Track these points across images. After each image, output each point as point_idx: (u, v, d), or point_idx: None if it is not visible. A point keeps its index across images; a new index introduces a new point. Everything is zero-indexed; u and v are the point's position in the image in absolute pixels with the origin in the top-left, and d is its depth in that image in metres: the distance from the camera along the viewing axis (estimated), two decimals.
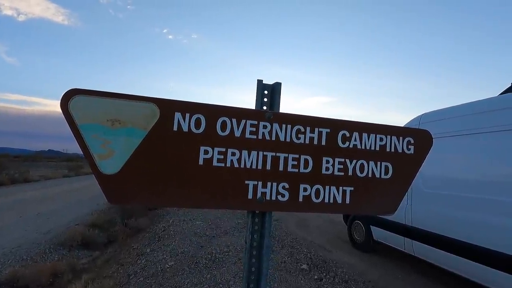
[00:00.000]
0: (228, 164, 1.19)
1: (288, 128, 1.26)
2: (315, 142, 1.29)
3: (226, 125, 1.20)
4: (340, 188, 1.32)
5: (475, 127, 3.42)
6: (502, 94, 3.73)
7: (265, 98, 1.32)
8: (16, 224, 6.53)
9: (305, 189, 1.28)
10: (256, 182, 1.22)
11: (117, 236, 5.85)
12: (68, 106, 1.04)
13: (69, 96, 1.05)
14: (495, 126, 3.18)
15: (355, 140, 1.34)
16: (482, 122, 3.34)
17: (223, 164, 1.19)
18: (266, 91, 1.32)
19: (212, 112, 1.19)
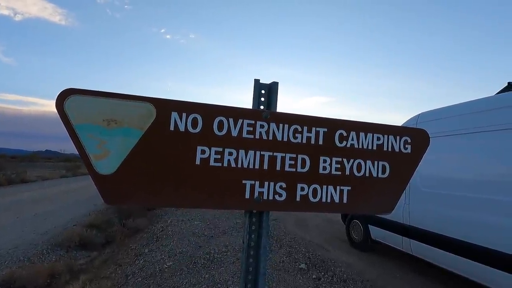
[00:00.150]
0: (225, 164, 1.19)
1: (285, 127, 1.26)
2: (312, 141, 1.29)
3: (223, 124, 1.19)
4: (338, 187, 1.32)
5: (472, 126, 3.44)
6: (499, 93, 3.75)
7: (262, 97, 1.32)
8: (13, 225, 6.49)
9: (302, 188, 1.28)
10: (253, 182, 1.22)
11: (115, 236, 5.83)
12: (63, 106, 1.04)
13: (64, 96, 1.04)
14: (492, 125, 3.20)
15: (353, 139, 1.34)
16: (479, 122, 3.36)
17: (220, 164, 1.19)
18: (263, 91, 1.32)
19: (209, 111, 1.19)
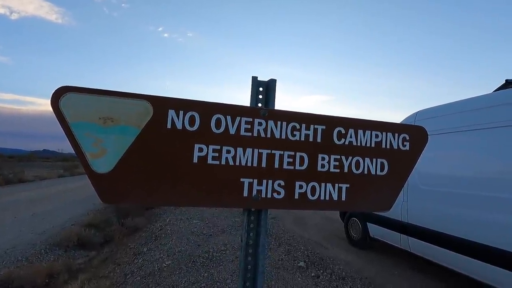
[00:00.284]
0: (223, 161, 1.18)
1: (283, 125, 1.26)
2: (311, 139, 1.29)
3: (221, 122, 1.19)
4: (336, 185, 1.32)
5: (470, 123, 3.44)
6: (496, 91, 3.76)
7: (260, 95, 1.31)
8: (11, 225, 6.46)
9: (301, 186, 1.27)
10: (251, 180, 1.21)
11: (113, 235, 5.82)
12: (59, 104, 1.02)
13: (59, 94, 1.03)
14: (490, 122, 3.20)
15: (351, 136, 1.34)
16: (477, 119, 3.36)
17: (218, 162, 1.18)
18: (261, 88, 1.31)
19: (206, 109, 1.18)
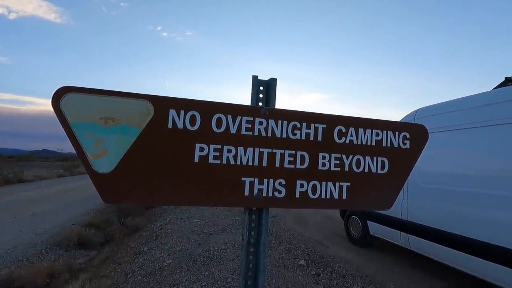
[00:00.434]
0: (224, 161, 1.19)
1: (284, 124, 1.26)
2: (311, 138, 1.29)
3: (222, 121, 1.19)
4: (337, 183, 1.32)
5: (470, 121, 3.45)
6: (496, 88, 3.76)
7: (260, 94, 1.31)
8: (11, 225, 6.46)
9: (301, 185, 1.28)
10: (252, 179, 1.22)
11: (114, 235, 5.82)
12: (59, 104, 1.02)
13: (60, 94, 1.03)
14: (490, 120, 3.21)
15: (351, 135, 1.34)
16: (477, 117, 3.36)
17: (219, 161, 1.18)
18: (261, 87, 1.31)
19: (207, 108, 1.18)
